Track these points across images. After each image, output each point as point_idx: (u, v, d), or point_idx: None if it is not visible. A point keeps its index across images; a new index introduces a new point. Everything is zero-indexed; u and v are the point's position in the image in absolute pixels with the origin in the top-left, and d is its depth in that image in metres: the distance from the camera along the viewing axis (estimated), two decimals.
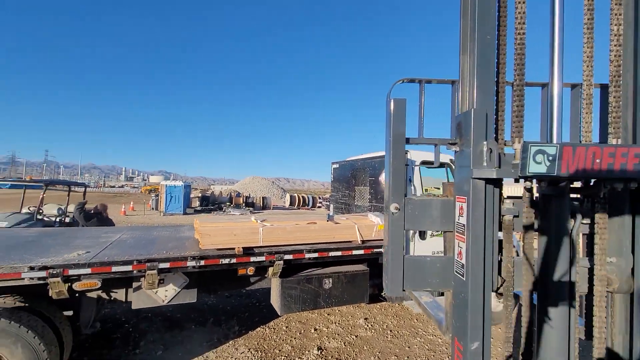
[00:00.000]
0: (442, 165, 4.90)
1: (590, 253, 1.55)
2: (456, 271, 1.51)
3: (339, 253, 4.05)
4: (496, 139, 1.46)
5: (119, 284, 3.44)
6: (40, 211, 8.88)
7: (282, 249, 3.80)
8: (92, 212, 7.01)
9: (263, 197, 28.18)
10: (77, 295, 3.25)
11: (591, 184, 1.50)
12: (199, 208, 24.00)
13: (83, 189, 10.96)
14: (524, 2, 1.40)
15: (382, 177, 4.76)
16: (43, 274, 2.77)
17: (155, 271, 3.13)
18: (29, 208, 9.02)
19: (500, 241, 1.49)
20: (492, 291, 1.46)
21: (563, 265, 1.39)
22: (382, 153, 5.13)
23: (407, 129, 1.58)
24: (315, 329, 4.86)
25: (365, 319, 5.26)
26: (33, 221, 8.52)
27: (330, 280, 4.15)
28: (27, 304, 2.98)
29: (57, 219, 8.97)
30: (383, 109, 1.65)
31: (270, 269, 3.79)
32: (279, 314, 4.02)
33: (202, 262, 3.35)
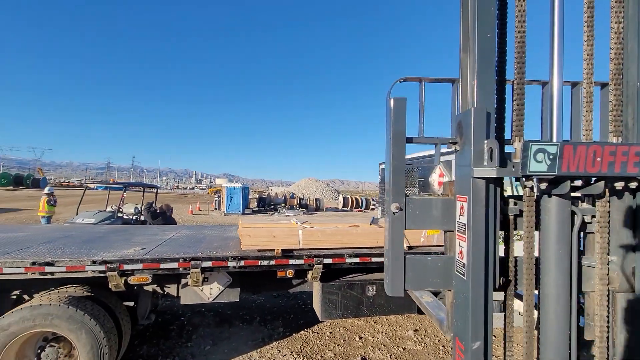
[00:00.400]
0: None
1: (591, 252, 1.53)
2: (457, 271, 1.49)
3: (382, 259, 3.79)
4: (497, 138, 1.45)
5: (170, 279, 3.66)
6: (120, 210, 10.12)
7: (322, 253, 3.68)
8: (158, 211, 7.71)
9: (316, 199, 28.53)
10: (135, 288, 3.54)
11: (592, 182, 1.48)
12: (256, 209, 25.21)
13: (155, 190, 12.26)
14: (524, 0, 1.37)
15: (433, 178, 4.37)
16: (102, 267, 3.05)
17: (198, 269, 3.25)
18: (111, 207, 10.34)
19: (502, 240, 1.50)
20: (494, 290, 1.46)
21: (564, 265, 1.37)
22: (432, 152, 4.73)
23: (407, 128, 1.58)
24: (360, 337, 4.63)
25: (415, 330, 4.88)
26: (114, 218, 9.74)
27: (374, 288, 3.91)
28: (93, 294, 3.32)
29: (134, 217, 10.13)
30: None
31: (310, 273, 3.70)
32: (320, 319, 3.91)
33: (242, 263, 3.39)
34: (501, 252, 1.53)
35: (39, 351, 3.00)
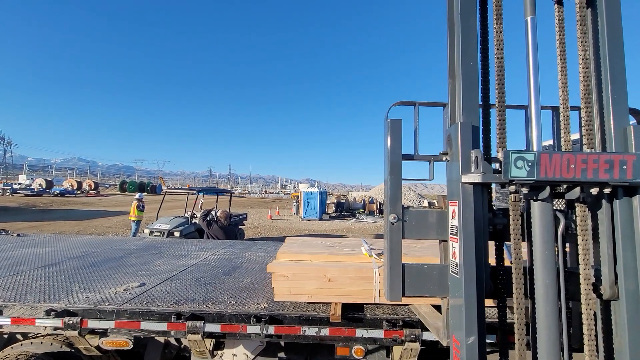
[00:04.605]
0: None
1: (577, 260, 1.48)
2: (451, 271, 1.53)
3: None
4: (484, 152, 1.56)
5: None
6: (194, 215, 9.96)
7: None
8: (214, 220, 6.98)
9: None
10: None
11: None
12: (333, 214, 24.13)
13: (229, 195, 12.05)
14: (501, 48, 1.53)
15: None
16: (58, 322, 1.95)
17: (198, 336, 1.91)
18: (187, 212, 10.30)
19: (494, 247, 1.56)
20: (486, 298, 1.46)
21: (550, 269, 1.38)
22: None
23: (403, 147, 1.69)
24: None
25: None
26: (187, 224, 9.56)
27: None
28: (71, 350, 2.28)
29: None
30: None
31: (396, 351, 2.01)
32: None
33: (272, 330, 1.92)
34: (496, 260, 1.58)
35: None
